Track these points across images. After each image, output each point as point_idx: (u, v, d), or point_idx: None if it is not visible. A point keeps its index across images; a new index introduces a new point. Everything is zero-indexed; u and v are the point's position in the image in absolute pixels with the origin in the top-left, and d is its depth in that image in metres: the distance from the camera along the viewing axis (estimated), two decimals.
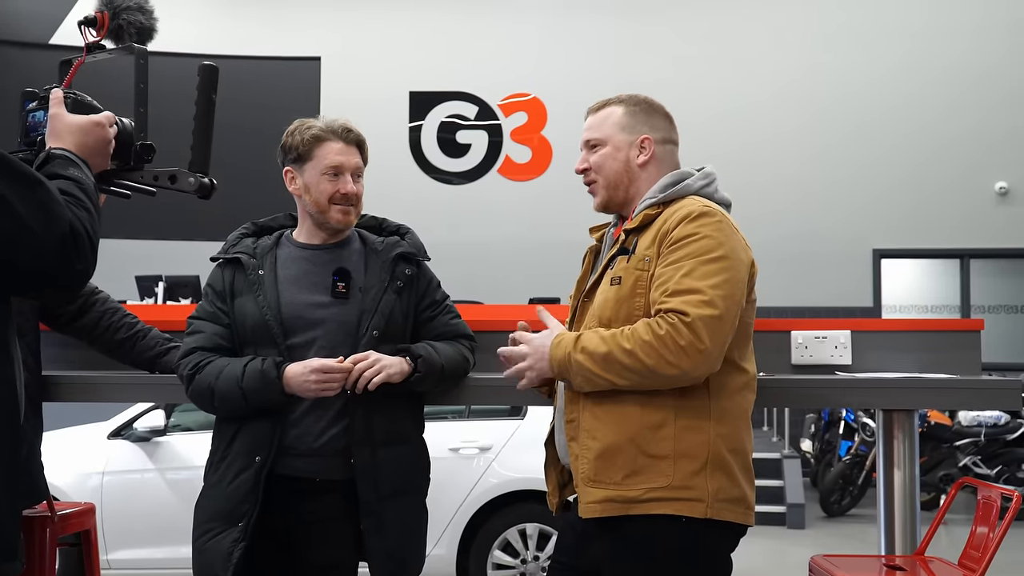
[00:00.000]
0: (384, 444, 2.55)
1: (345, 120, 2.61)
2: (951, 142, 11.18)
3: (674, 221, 2.24)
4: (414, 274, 2.67)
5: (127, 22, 2.03)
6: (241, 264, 2.60)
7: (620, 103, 2.45)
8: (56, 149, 1.72)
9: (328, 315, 2.56)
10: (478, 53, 11.88)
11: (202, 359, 2.55)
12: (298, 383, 2.44)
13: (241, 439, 2.53)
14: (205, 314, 2.61)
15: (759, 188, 10.90)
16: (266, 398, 2.47)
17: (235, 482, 2.50)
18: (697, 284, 2.15)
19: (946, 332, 3.30)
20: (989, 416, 8.62)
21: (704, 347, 2.11)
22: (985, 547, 2.67)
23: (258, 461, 2.49)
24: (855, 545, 7.25)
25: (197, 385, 2.54)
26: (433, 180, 11.77)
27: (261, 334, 2.53)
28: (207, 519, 2.54)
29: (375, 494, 2.51)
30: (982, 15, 11.31)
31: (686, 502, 2.17)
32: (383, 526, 2.53)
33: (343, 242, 2.67)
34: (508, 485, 5.36)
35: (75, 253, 1.52)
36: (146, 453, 5.58)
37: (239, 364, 2.50)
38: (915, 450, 2.97)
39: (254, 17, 11.79)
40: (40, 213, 1.48)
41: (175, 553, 5.20)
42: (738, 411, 2.27)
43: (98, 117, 1.82)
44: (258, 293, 2.55)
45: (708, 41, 11.57)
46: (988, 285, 11.54)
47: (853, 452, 8.66)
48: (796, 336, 3.25)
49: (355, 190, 2.59)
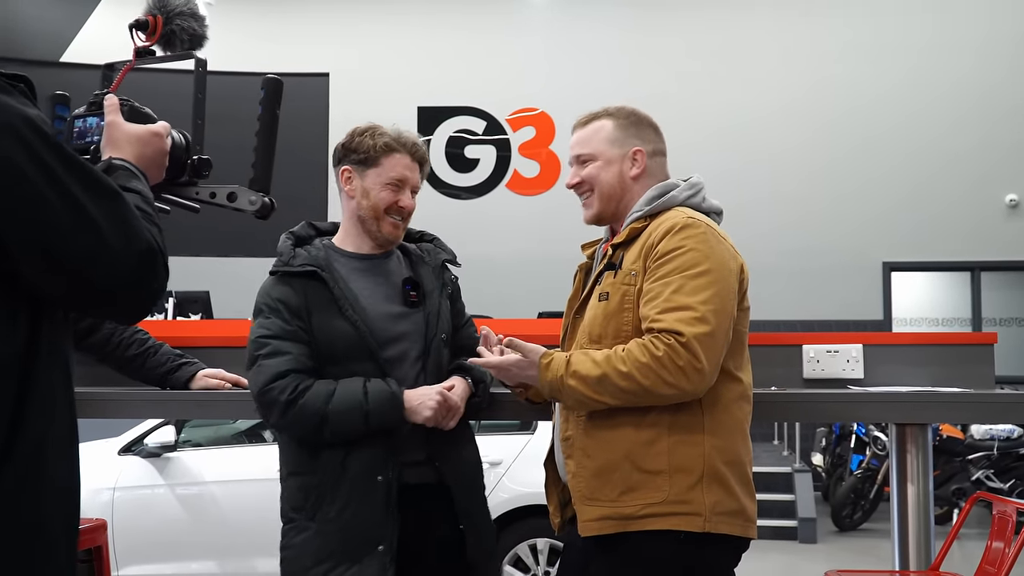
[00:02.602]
0: (459, 447, 2.57)
1: (415, 136, 2.60)
2: (959, 156, 11.16)
3: (658, 235, 2.23)
4: (456, 280, 2.71)
5: (180, 28, 1.89)
6: (314, 278, 2.48)
7: (609, 116, 2.43)
8: (116, 159, 1.60)
9: (409, 326, 2.54)
10: (486, 68, 11.91)
11: (300, 382, 2.39)
12: (415, 405, 2.41)
13: (356, 463, 2.41)
14: (284, 333, 2.44)
15: (768, 202, 10.90)
16: (391, 421, 2.40)
17: (363, 508, 2.39)
18: (688, 300, 2.13)
19: (959, 346, 3.30)
20: (1002, 429, 8.57)
21: (702, 366, 2.10)
22: (1001, 562, 2.65)
23: (381, 480, 2.40)
24: (868, 560, 7.20)
25: (302, 411, 2.37)
26: (441, 195, 11.78)
27: (355, 351, 2.44)
28: (327, 557, 2.39)
29: (466, 495, 2.54)
30: (988, 30, 11.30)
31: (683, 516, 2.15)
32: (478, 526, 2.56)
33: (388, 252, 2.65)
34: (518, 500, 5.34)
35: (152, 272, 1.41)
36: (157, 469, 5.58)
37: (356, 385, 2.40)
38: (929, 464, 2.95)
39: (262, 33, 11.84)
40: (120, 228, 1.37)
41: (185, 569, 5.20)
42: (733, 422, 2.25)
43: (156, 127, 1.69)
44: (345, 308, 2.45)
45: (716, 56, 11.58)
46: (999, 298, 11.50)
47: (865, 466, 8.61)
48: (808, 350, 3.25)
49: (411, 205, 2.58)
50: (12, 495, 1.32)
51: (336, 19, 11.99)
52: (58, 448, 1.40)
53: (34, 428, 1.35)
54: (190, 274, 9.33)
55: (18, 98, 1.35)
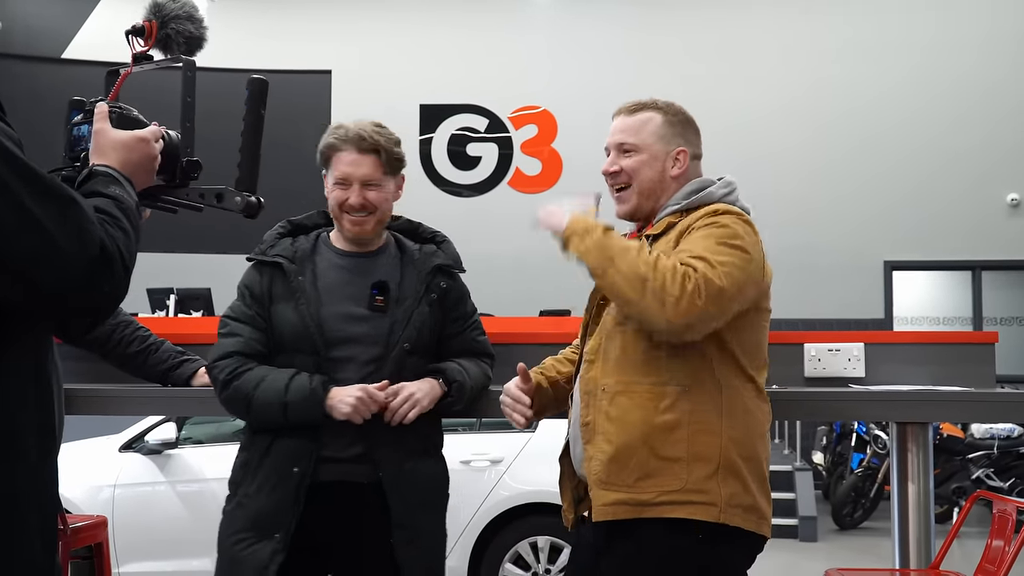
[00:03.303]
0: (410, 456, 2.52)
1: (367, 125, 2.53)
2: (960, 155, 11.15)
3: (697, 216, 2.25)
4: (449, 287, 2.63)
5: (176, 31, 1.91)
6: (281, 268, 2.53)
7: (658, 110, 2.39)
8: (99, 166, 1.64)
9: (365, 328, 2.51)
10: (488, 66, 11.91)
11: (240, 365, 2.48)
12: (336, 401, 2.41)
13: (277, 450, 2.47)
14: (244, 316, 2.53)
15: (769, 201, 10.85)
16: (308, 416, 2.43)
17: (274, 494, 2.45)
18: (710, 256, 2.13)
19: (960, 345, 3.30)
20: (1002, 428, 8.57)
21: (699, 304, 2.07)
22: (1001, 561, 2.66)
23: (296, 472, 2.44)
24: (869, 559, 7.20)
25: (234, 392, 2.47)
26: (444, 193, 11.78)
27: (300, 343, 2.48)
28: (240, 528, 2.47)
29: (403, 502, 2.48)
30: (989, 28, 11.29)
31: (699, 506, 2.14)
32: (418, 537, 2.50)
33: (381, 249, 2.62)
34: (519, 498, 5.34)
35: (104, 275, 1.43)
36: (157, 466, 5.58)
37: (283, 377, 2.45)
38: (929, 463, 2.95)
39: (264, 31, 11.84)
40: (72, 232, 1.39)
41: (186, 566, 5.20)
42: (752, 420, 2.23)
43: (142, 132, 1.72)
44: (300, 301, 2.49)
45: (718, 55, 11.57)
46: (1000, 297, 11.49)
47: (865, 464, 8.61)
48: (809, 349, 3.25)
49: (359, 201, 2.51)
50: None
51: (338, 16, 11.98)
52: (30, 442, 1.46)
53: (7, 423, 1.42)
54: (191, 271, 9.34)
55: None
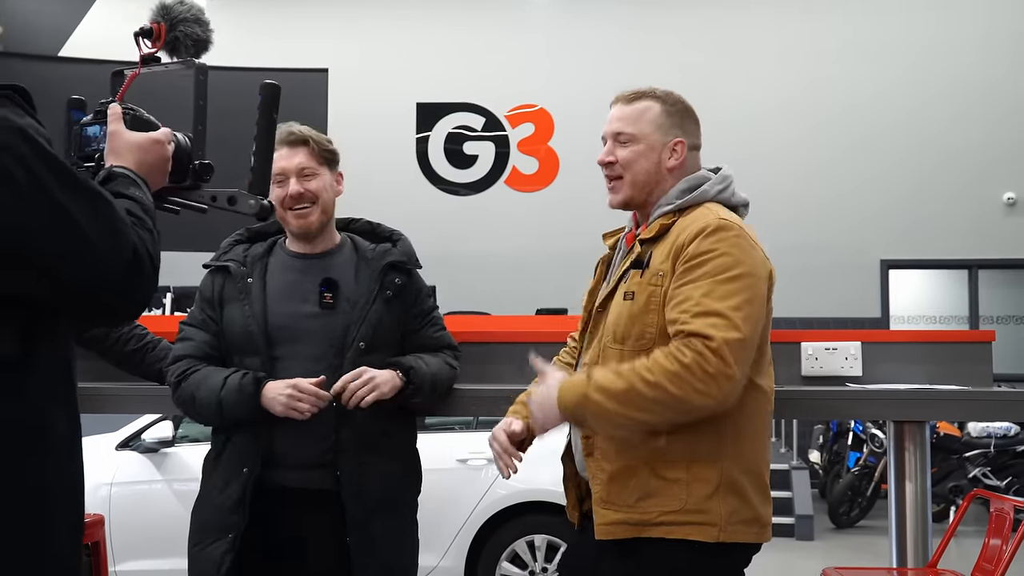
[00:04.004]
0: (372, 457, 2.51)
1: (291, 125, 2.58)
2: (958, 153, 11.16)
3: (689, 235, 2.14)
4: (404, 283, 2.62)
5: (184, 34, 1.90)
6: (230, 272, 2.59)
7: (657, 99, 2.34)
8: (117, 167, 1.64)
9: (314, 326, 2.52)
10: (485, 64, 11.90)
11: (189, 367, 2.54)
12: (270, 398, 2.41)
13: (230, 450, 2.51)
14: (196, 321, 2.60)
15: (765, 199, 10.83)
16: (240, 412, 2.44)
17: (224, 493, 2.48)
18: (718, 306, 2.03)
19: (957, 344, 3.29)
20: (999, 427, 8.58)
21: (732, 372, 2.00)
22: (998, 560, 2.66)
23: (245, 473, 2.46)
24: (865, 557, 7.21)
25: (182, 392, 2.53)
26: (440, 191, 11.77)
27: (246, 344, 2.52)
28: (199, 528, 2.54)
29: (361, 507, 2.47)
30: (987, 28, 11.30)
31: (698, 526, 2.11)
32: (373, 543, 2.48)
33: (334, 250, 2.64)
34: (516, 496, 5.34)
35: (138, 278, 1.43)
36: (154, 464, 5.57)
37: (220, 376, 2.48)
38: (926, 462, 2.95)
39: (261, 29, 11.82)
40: (107, 232, 1.39)
41: (182, 564, 5.16)
42: (754, 432, 2.20)
43: (157, 135, 1.73)
44: (245, 302, 2.54)
45: (715, 53, 11.57)
46: (997, 295, 11.50)
47: (862, 463, 8.62)
48: (806, 347, 3.24)
49: (298, 190, 2.54)
50: (16, 466, 1.40)
51: (336, 15, 11.97)
52: (61, 436, 1.49)
53: (37, 418, 1.42)
54: (188, 270, 9.33)
55: (11, 108, 1.37)
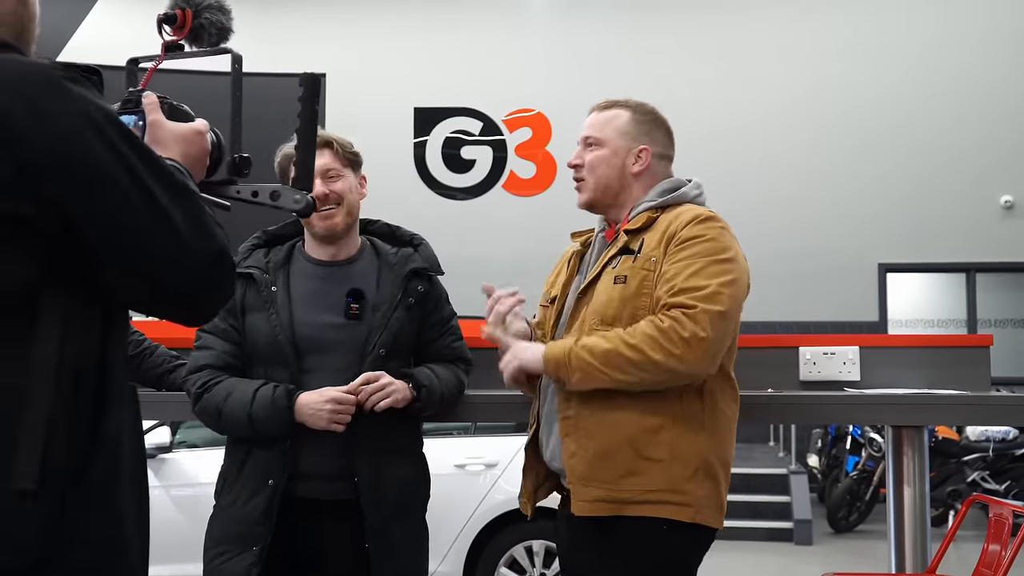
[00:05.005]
0: (387, 463, 2.51)
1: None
2: (957, 155, 11.17)
3: (682, 222, 2.27)
4: (427, 290, 2.61)
5: (208, 21, 1.82)
6: (253, 279, 2.52)
7: (627, 108, 2.47)
8: (167, 160, 1.51)
9: (341, 337, 2.50)
10: (483, 69, 11.90)
11: (211, 378, 2.49)
12: (310, 413, 2.39)
13: (253, 462, 2.48)
14: (216, 329, 2.53)
15: (764, 202, 10.89)
16: (273, 427, 2.42)
17: (248, 505, 2.45)
18: (704, 282, 2.17)
19: (955, 348, 3.30)
20: (997, 431, 8.57)
21: (706, 336, 2.12)
22: (998, 565, 2.66)
23: (271, 484, 2.44)
24: (864, 562, 7.20)
25: (205, 404, 2.48)
26: (438, 196, 11.77)
27: (273, 354, 2.47)
28: (220, 540, 2.48)
29: (380, 515, 2.47)
30: (988, 28, 11.31)
31: (675, 506, 2.21)
32: (392, 548, 2.49)
33: (355, 256, 2.61)
34: (514, 502, 5.26)
35: (225, 273, 1.37)
36: (152, 470, 5.55)
37: (250, 388, 2.44)
38: (925, 467, 2.95)
39: (258, 34, 11.81)
40: (197, 229, 1.33)
41: (180, 571, 5.17)
42: (727, 421, 2.31)
43: (197, 125, 1.64)
44: (271, 311, 2.48)
45: (714, 56, 11.58)
46: (995, 299, 11.51)
47: (860, 467, 8.61)
48: (804, 352, 3.24)
49: (323, 191, 2.50)
50: (98, 491, 1.29)
51: (334, 20, 11.97)
52: (132, 439, 1.38)
53: (115, 420, 1.33)
54: None
55: (92, 91, 1.31)
